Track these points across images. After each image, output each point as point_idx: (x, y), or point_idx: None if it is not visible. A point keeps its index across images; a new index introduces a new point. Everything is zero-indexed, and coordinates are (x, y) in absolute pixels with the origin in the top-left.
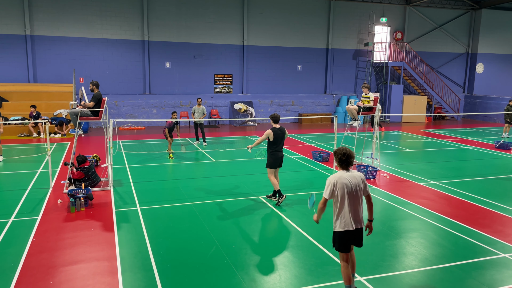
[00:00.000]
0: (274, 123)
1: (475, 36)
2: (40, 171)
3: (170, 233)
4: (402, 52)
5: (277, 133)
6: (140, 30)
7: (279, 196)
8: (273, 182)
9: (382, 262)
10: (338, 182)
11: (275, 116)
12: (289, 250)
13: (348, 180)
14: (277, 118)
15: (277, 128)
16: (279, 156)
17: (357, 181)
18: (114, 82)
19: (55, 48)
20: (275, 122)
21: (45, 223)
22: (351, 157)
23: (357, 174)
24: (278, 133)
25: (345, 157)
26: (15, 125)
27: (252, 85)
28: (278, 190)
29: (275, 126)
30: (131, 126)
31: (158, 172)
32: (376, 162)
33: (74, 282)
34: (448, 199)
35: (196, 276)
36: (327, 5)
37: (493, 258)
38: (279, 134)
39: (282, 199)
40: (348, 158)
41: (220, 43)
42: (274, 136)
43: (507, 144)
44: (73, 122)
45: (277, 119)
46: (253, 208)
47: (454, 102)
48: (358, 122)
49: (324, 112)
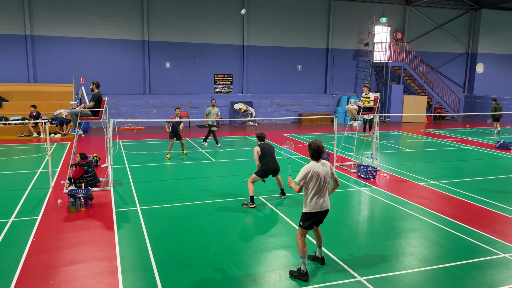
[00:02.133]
0: (260, 141)
1: (475, 36)
2: (40, 171)
3: (170, 233)
4: (402, 52)
5: (263, 146)
6: (140, 30)
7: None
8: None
9: (382, 262)
10: (311, 171)
11: (260, 135)
12: (289, 250)
13: (320, 169)
14: (263, 136)
15: (263, 143)
16: (271, 169)
17: (326, 169)
18: (114, 82)
19: (55, 48)
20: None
21: (45, 223)
22: (322, 152)
23: (326, 163)
24: (264, 146)
25: (317, 153)
26: (15, 125)
27: (252, 85)
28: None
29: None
30: (131, 126)
31: (158, 172)
32: (376, 162)
33: (74, 282)
34: (448, 199)
35: (196, 276)
36: (327, 5)
37: (493, 258)
38: (265, 147)
39: (251, 205)
40: (320, 153)
41: (220, 43)
42: (261, 149)
43: (507, 144)
44: (73, 122)
45: (262, 138)
46: (253, 208)
47: (454, 102)
48: (358, 122)
49: (324, 112)
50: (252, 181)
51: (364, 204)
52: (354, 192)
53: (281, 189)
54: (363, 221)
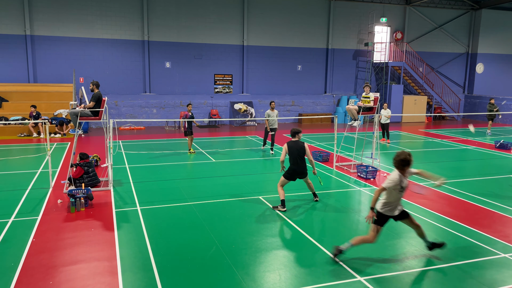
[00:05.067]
0: (292, 137)
1: (475, 36)
2: (40, 171)
3: (170, 233)
4: (402, 52)
5: (291, 146)
6: (140, 30)
7: (282, 205)
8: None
9: (382, 262)
10: (287, 146)
11: (293, 131)
12: (289, 250)
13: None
14: (294, 132)
15: (292, 142)
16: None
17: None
18: (114, 82)
19: (55, 48)
20: (292, 136)
21: (45, 223)
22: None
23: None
24: (292, 146)
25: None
26: (15, 125)
27: (252, 85)
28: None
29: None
30: (131, 126)
31: (158, 172)
32: (376, 162)
33: (74, 282)
34: (448, 199)
35: (196, 276)
36: (327, 5)
37: (493, 258)
38: (292, 147)
39: (282, 209)
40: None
41: (220, 43)
42: (288, 148)
43: (507, 144)
44: (73, 122)
45: (293, 134)
46: (253, 208)
47: (454, 102)
48: (358, 122)
49: (324, 112)
50: (281, 184)
51: (364, 204)
52: (354, 192)
53: (313, 193)
54: (363, 221)
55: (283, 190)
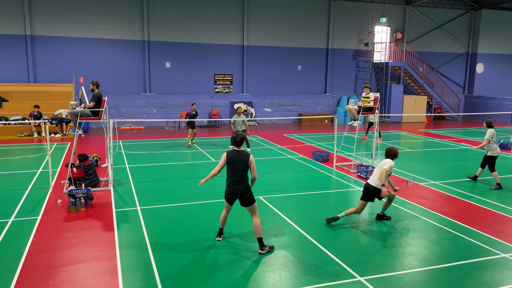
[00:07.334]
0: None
1: (475, 36)
2: (40, 171)
3: (170, 233)
4: (402, 52)
5: (229, 157)
6: (140, 30)
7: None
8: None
9: (382, 262)
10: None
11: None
12: (289, 250)
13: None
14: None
15: (235, 151)
16: (231, 191)
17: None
18: (114, 82)
19: (55, 48)
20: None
21: (45, 223)
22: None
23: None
24: (230, 156)
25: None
26: (15, 125)
27: (252, 85)
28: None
29: (235, 148)
30: (131, 126)
31: (158, 172)
32: (376, 162)
33: (74, 282)
34: (448, 199)
35: (196, 276)
36: (327, 5)
37: (493, 258)
38: (231, 158)
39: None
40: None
41: (220, 43)
42: (227, 160)
43: (507, 144)
44: (73, 122)
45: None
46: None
47: (454, 102)
48: (358, 122)
49: (324, 112)
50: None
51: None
52: (354, 192)
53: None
54: (363, 221)
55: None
